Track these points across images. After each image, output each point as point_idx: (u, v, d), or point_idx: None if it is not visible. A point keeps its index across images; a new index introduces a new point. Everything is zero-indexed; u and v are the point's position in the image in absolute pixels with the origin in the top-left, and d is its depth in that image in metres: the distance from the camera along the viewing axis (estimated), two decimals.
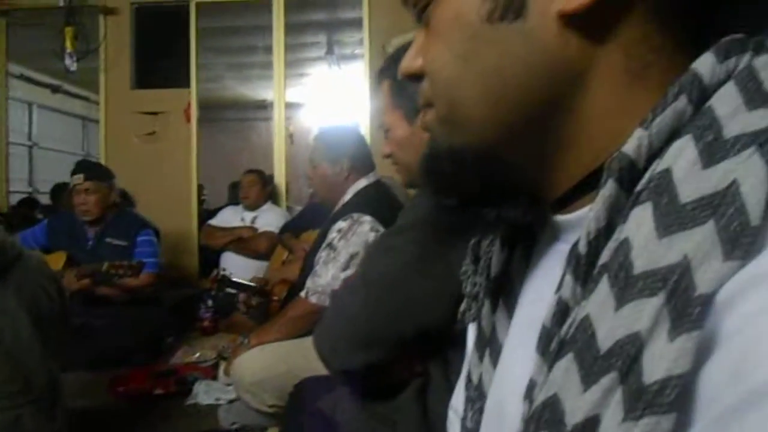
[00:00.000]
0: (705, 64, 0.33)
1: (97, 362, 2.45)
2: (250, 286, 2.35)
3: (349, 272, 1.73)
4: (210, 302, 3.05)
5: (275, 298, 2.21)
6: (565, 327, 0.34)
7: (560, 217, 0.42)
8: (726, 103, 0.31)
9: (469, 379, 0.53)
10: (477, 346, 0.52)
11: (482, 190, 0.45)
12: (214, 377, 2.40)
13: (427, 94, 0.43)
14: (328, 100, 6.45)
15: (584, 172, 0.38)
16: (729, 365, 0.27)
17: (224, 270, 2.48)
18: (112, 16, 4.08)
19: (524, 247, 0.49)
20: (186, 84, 4.07)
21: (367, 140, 2.12)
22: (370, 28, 3.94)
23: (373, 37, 3.91)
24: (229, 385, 2.14)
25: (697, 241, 0.28)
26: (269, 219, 3.63)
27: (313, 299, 1.77)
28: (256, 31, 4.66)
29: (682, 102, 0.32)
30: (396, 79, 1.14)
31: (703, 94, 0.32)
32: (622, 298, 0.30)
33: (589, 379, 0.30)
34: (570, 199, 0.40)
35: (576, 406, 0.31)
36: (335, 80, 6.16)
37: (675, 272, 0.28)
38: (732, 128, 0.30)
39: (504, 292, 0.50)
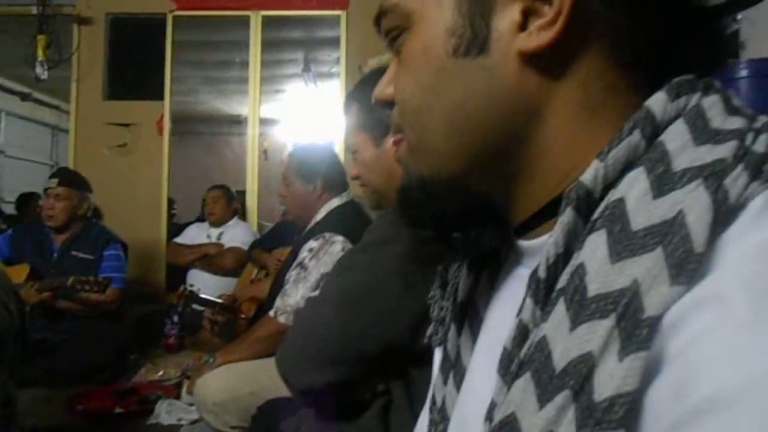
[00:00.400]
0: (657, 102, 0.35)
1: (55, 379, 2.37)
2: (218, 303, 2.32)
3: None
4: (176, 318, 2.99)
5: (243, 316, 2.18)
6: (524, 348, 0.35)
7: (523, 243, 0.44)
8: (676, 138, 0.34)
9: (433, 402, 0.54)
10: (442, 369, 0.53)
11: (452, 219, 0.46)
12: (178, 396, 2.34)
13: (397, 124, 0.45)
14: (303, 117, 6.45)
15: (546, 200, 0.40)
16: (673, 384, 0.28)
17: (191, 286, 2.44)
18: (87, 25, 4.02)
19: (490, 272, 0.51)
20: (159, 96, 4.03)
21: (341, 159, 2.13)
22: (347, 48, 3.96)
23: (349, 56, 3.94)
24: (192, 404, 2.09)
25: (647, 267, 0.30)
26: (236, 235, 3.58)
27: (282, 319, 1.75)
28: (233, 46, 4.65)
29: (635, 137, 0.35)
30: (364, 102, 1.14)
31: (655, 129, 0.35)
32: (576, 320, 0.31)
33: (544, 397, 0.31)
34: (532, 226, 0.42)
35: (532, 424, 0.32)
36: (311, 98, 6.17)
37: (625, 295, 0.30)
38: (680, 162, 0.32)
39: (469, 316, 0.51)
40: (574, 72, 0.38)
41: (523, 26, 0.38)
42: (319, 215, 1.94)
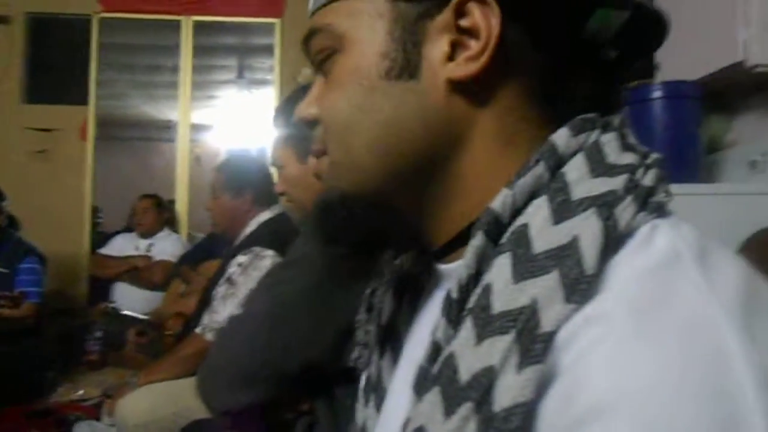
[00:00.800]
0: (561, 137, 0.39)
1: None
2: (141, 319, 2.23)
3: None
4: (99, 334, 2.86)
5: (169, 332, 2.11)
6: (436, 365, 0.37)
7: (442, 267, 0.46)
8: (576, 170, 0.37)
9: (356, 424, 0.55)
10: (363, 391, 0.55)
11: (371, 238, 0.49)
12: (98, 418, 2.23)
13: (321, 141, 0.45)
14: (237, 124, 6.33)
15: (463, 224, 0.42)
16: (563, 394, 0.30)
17: (113, 302, 2.34)
18: (3, 25, 3.82)
19: (412, 297, 0.53)
20: (83, 100, 3.86)
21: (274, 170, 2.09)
22: (282, 56, 3.93)
23: (284, 64, 3.90)
24: (113, 425, 2.00)
25: (544, 287, 0.33)
26: (166, 247, 3.43)
27: (209, 336, 1.70)
28: (163, 50, 4.52)
29: (540, 168, 0.38)
30: (290, 118, 1.13)
31: (558, 162, 0.38)
32: (481, 336, 0.34)
33: (450, 409, 0.33)
34: (450, 249, 0.44)
35: None
36: (245, 105, 6.07)
37: (525, 313, 0.32)
38: (578, 192, 0.36)
39: (391, 339, 0.53)
40: (495, 103, 0.41)
41: (451, 56, 0.40)
42: (249, 228, 1.90)
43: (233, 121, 6.37)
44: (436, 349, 0.38)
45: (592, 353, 0.30)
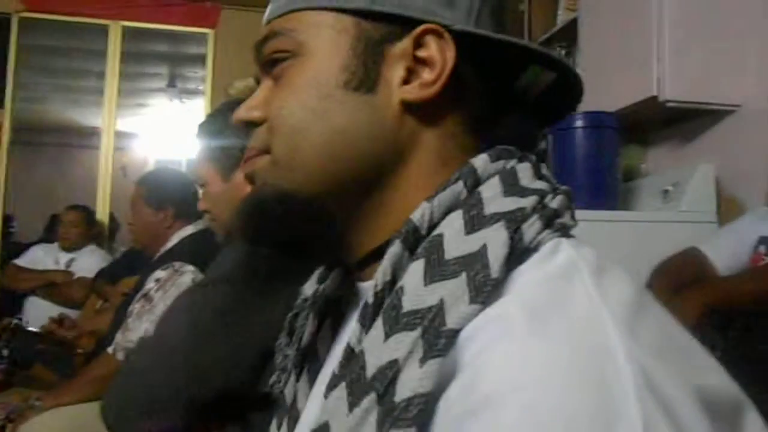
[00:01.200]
0: (480, 161, 0.43)
1: None
2: (49, 336, 2.10)
3: None
4: (5, 352, 2.68)
5: (80, 351, 2.00)
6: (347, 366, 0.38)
7: (362, 285, 0.47)
8: (490, 190, 0.41)
9: None
10: (277, 414, 0.55)
11: (299, 239, 0.49)
12: None
13: (264, 141, 0.46)
14: (167, 134, 6.15)
15: (385, 238, 0.44)
16: (462, 387, 0.32)
17: (19, 319, 2.20)
18: None
19: (333, 320, 0.53)
20: None
21: None
22: (214, 67, 3.86)
23: (216, 75, 3.83)
24: None
25: (452, 289, 0.35)
26: (89, 263, 3.22)
27: (120, 356, 1.62)
28: (90, 55, 4.35)
29: (459, 186, 0.41)
30: (214, 135, 1.11)
31: (476, 182, 0.42)
32: (390, 332, 0.36)
33: (354, 403, 0.35)
34: (370, 262, 0.46)
35: (340, 428, 0.35)
36: (176, 114, 5.91)
37: (432, 311, 0.35)
38: (491, 208, 0.39)
39: (309, 361, 0.53)
40: (440, 127, 0.45)
41: (407, 80, 0.44)
42: (170, 243, 1.84)
43: (163, 130, 6.19)
44: (348, 354, 0.39)
45: (491, 350, 0.32)
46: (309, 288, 0.56)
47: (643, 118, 2.18)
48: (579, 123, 2.00)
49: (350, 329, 0.45)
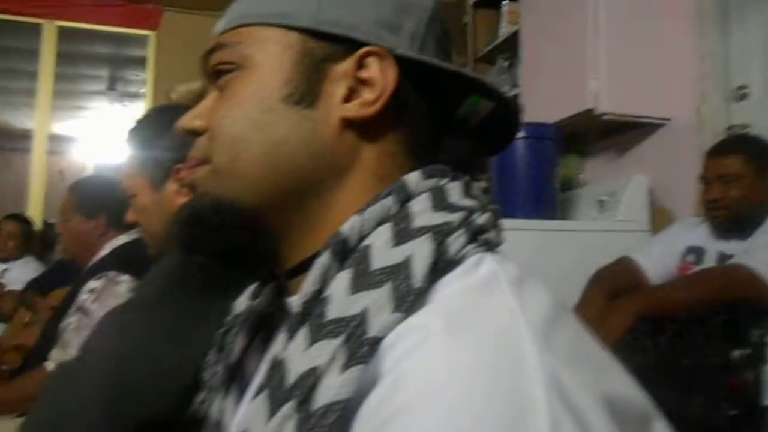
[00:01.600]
0: (412, 177, 0.44)
1: None
2: None
3: None
4: None
5: (4, 367, 1.89)
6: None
7: (291, 300, 0.47)
8: (420, 205, 0.42)
9: None
10: None
11: (235, 250, 0.50)
12: None
13: (205, 150, 0.47)
14: (108, 138, 5.96)
15: (316, 251, 0.44)
16: (382, 393, 0.33)
17: None
18: None
19: (264, 336, 0.53)
20: None
21: None
22: (156, 69, 3.76)
23: (158, 78, 3.73)
24: None
25: (376, 298, 0.36)
26: (23, 274, 3.05)
27: None
28: (21, 54, 4.17)
29: (389, 200, 0.42)
30: (144, 143, 1.07)
31: (407, 197, 0.43)
32: (313, 340, 0.36)
33: (273, 410, 0.35)
34: (298, 273, 0.45)
35: None
36: (117, 118, 5.73)
37: (356, 320, 0.35)
38: (419, 221, 0.40)
39: (238, 377, 0.53)
40: (378, 145, 0.45)
41: (348, 98, 0.45)
42: (103, 252, 1.76)
43: (104, 134, 5.99)
44: (274, 364, 0.39)
45: (410, 357, 0.33)
46: (241, 304, 0.55)
47: (581, 129, 2.25)
48: (519, 134, 2.04)
49: (279, 342, 0.45)
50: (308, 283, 0.40)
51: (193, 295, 0.88)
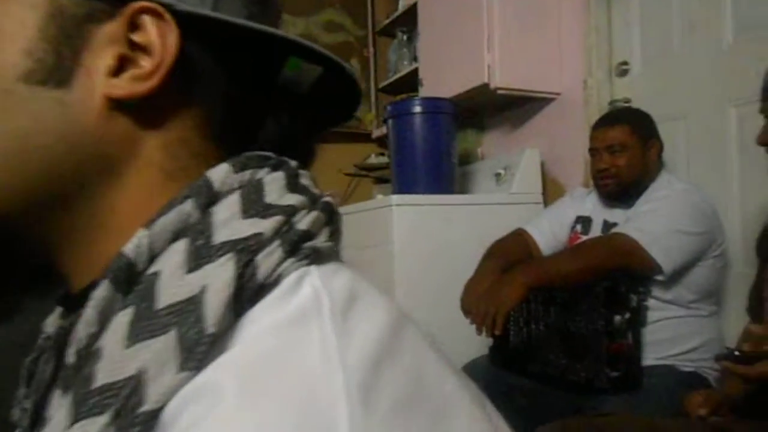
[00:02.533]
0: (218, 173, 0.34)
1: None
2: None
3: None
4: None
5: None
6: None
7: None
8: (226, 210, 0.33)
9: None
10: None
11: None
12: None
13: None
14: None
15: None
16: None
17: None
18: None
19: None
20: None
21: None
22: None
23: None
24: None
25: (157, 351, 0.28)
26: None
27: None
28: None
29: (188, 206, 0.33)
30: None
31: (211, 200, 0.33)
32: (75, 418, 0.28)
33: None
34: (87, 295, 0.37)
35: None
36: None
37: (129, 386, 0.27)
38: (221, 235, 0.31)
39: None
40: (164, 131, 0.36)
41: (117, 71, 0.34)
42: None
43: None
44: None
45: None
46: (51, 325, 0.46)
47: (479, 104, 2.28)
48: (417, 108, 2.05)
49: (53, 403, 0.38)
50: (81, 326, 0.31)
51: None
